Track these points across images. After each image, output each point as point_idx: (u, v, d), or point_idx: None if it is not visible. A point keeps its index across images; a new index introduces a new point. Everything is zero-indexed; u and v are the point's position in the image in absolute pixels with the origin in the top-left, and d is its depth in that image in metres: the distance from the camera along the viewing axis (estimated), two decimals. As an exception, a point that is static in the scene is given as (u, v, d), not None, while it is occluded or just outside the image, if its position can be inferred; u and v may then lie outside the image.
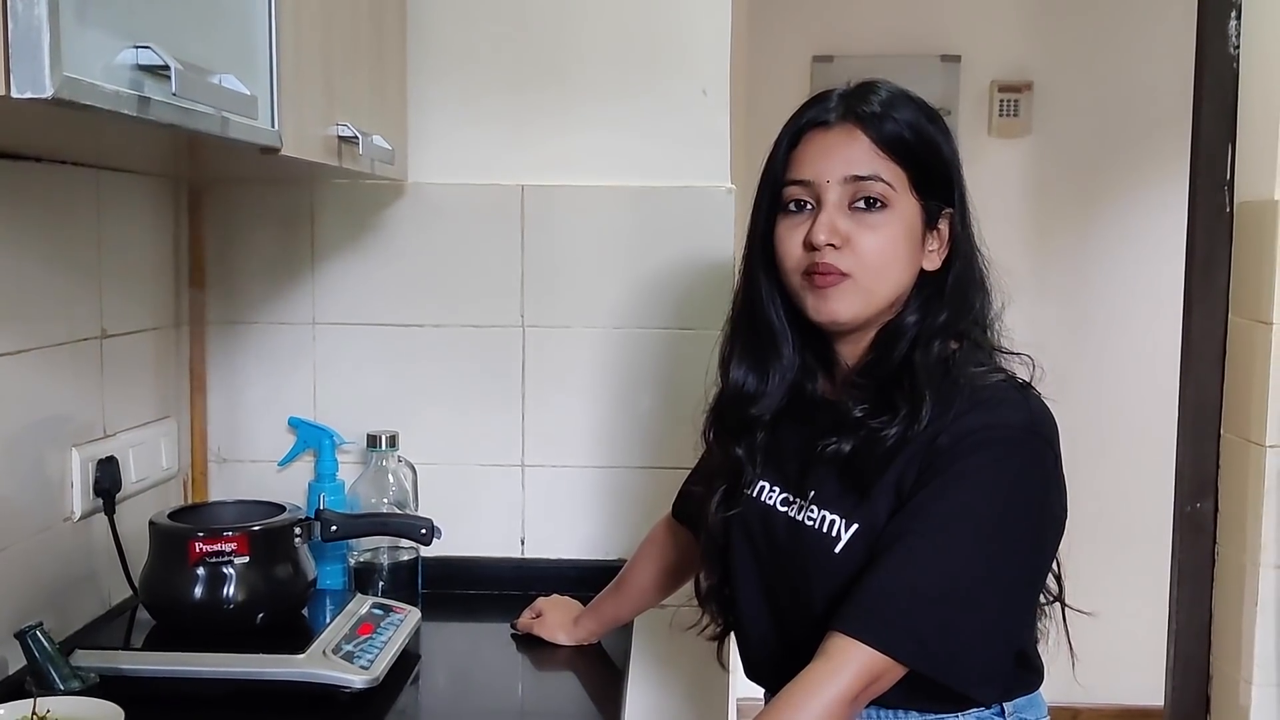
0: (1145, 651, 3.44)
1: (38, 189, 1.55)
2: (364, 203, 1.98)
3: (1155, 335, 3.81)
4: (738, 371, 1.42)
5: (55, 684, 1.36)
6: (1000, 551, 1.24)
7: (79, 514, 1.63)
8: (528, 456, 2.01)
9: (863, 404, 1.30)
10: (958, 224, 1.35)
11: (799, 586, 1.34)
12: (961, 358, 1.31)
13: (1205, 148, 2.33)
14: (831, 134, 1.32)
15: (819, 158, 1.32)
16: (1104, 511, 4.04)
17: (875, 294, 1.31)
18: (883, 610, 1.21)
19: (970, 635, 1.24)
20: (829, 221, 1.29)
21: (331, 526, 1.68)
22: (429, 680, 1.67)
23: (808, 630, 1.28)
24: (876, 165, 1.30)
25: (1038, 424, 1.27)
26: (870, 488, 1.27)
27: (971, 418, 1.24)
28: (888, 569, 1.22)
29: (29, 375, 1.53)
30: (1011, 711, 1.33)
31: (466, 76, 1.97)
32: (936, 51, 3.96)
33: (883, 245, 1.30)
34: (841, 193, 1.30)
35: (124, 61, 0.88)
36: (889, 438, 1.26)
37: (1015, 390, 1.29)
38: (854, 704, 1.19)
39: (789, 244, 1.33)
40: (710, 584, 1.50)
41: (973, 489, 1.23)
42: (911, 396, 1.27)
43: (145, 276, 1.86)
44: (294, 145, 1.31)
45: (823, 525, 1.31)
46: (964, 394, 1.26)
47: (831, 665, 1.19)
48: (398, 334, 2.00)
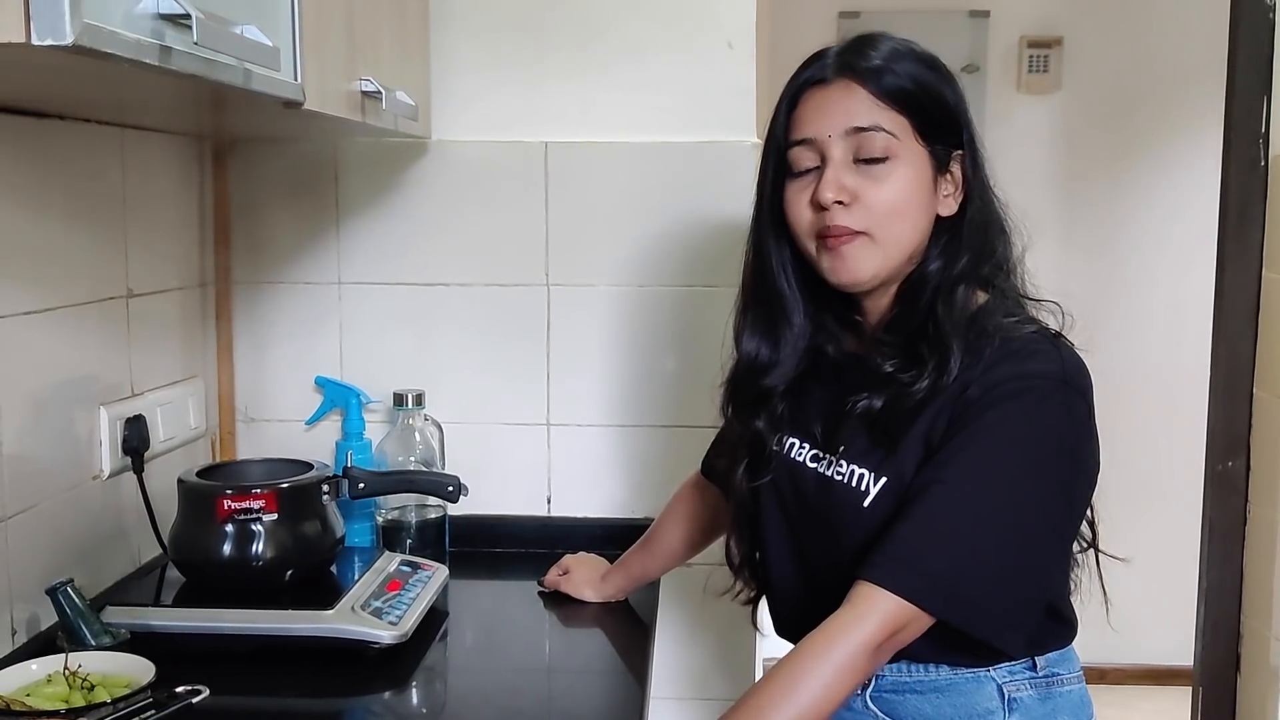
0: (1174, 611, 3.43)
1: (62, 148, 1.55)
2: (388, 161, 1.97)
3: (1187, 291, 3.78)
4: (750, 343, 1.40)
5: (86, 640, 1.37)
6: (1029, 502, 1.23)
7: (108, 472, 1.64)
8: (553, 415, 2.00)
9: (891, 359, 1.29)
10: (969, 166, 1.32)
11: (829, 542, 1.33)
12: (990, 307, 1.29)
13: (1239, 101, 2.29)
14: (830, 90, 1.29)
15: (819, 115, 1.29)
16: (1133, 469, 4.02)
17: (891, 248, 1.29)
18: (908, 559, 1.20)
19: (996, 585, 1.22)
20: (835, 179, 1.27)
21: (359, 484, 1.68)
22: (456, 636, 1.67)
23: (839, 585, 1.27)
24: (877, 115, 1.27)
25: (1070, 374, 1.25)
26: (898, 441, 1.26)
27: (1002, 368, 1.23)
28: (914, 519, 1.21)
29: (56, 334, 1.54)
30: (1044, 665, 1.32)
31: (489, 32, 1.95)
32: (965, 7, 3.91)
33: (893, 197, 1.27)
34: (845, 147, 1.28)
35: (145, 10, 0.88)
36: (918, 391, 1.25)
37: (1047, 341, 1.28)
38: (878, 652, 1.19)
39: (798, 207, 1.31)
40: (742, 552, 1.49)
41: (1002, 439, 1.22)
42: (939, 348, 1.25)
43: (170, 236, 1.86)
44: (317, 99, 1.30)
45: (851, 479, 1.30)
46: (995, 344, 1.24)
47: (856, 612, 1.19)
48: (423, 293, 1.99)
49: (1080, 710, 1.35)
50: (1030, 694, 1.31)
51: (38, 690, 1.24)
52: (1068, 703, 1.33)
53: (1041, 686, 1.32)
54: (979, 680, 1.30)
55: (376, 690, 1.46)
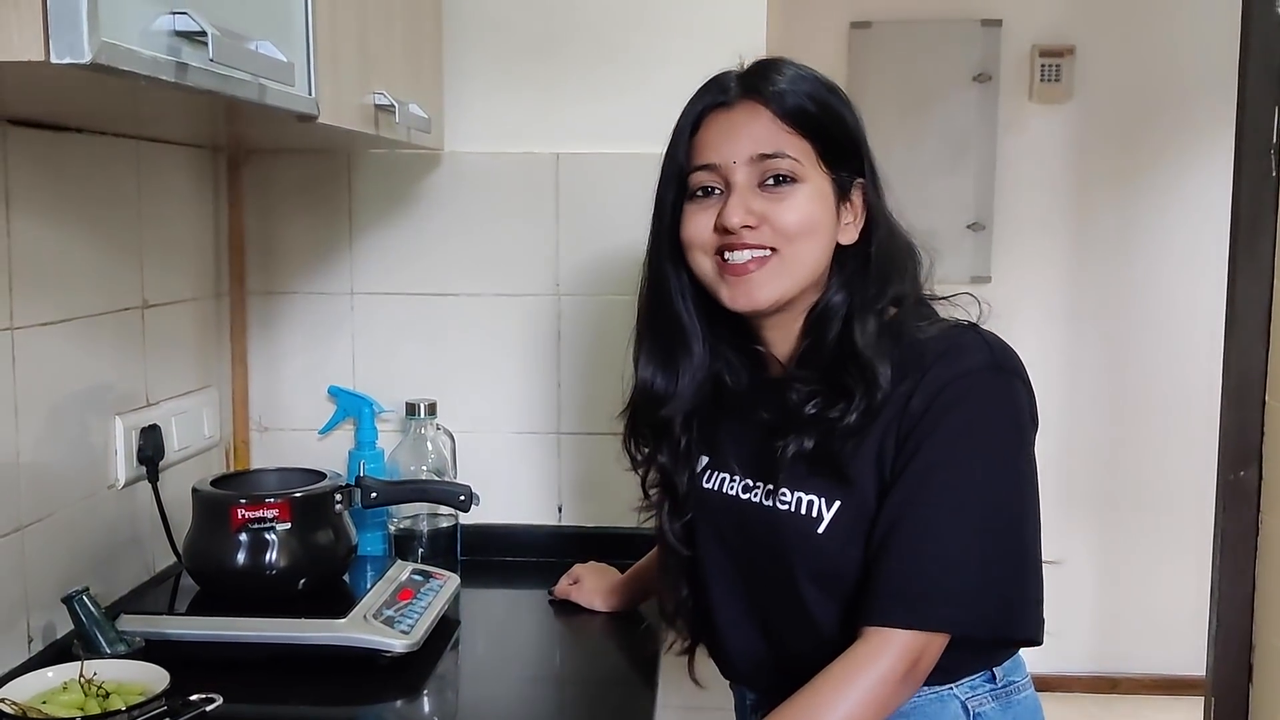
0: (1186, 621, 3.43)
1: (79, 160, 1.56)
2: (400, 173, 1.99)
3: (1198, 301, 3.78)
4: (646, 371, 1.37)
5: (101, 647, 1.38)
6: (1006, 499, 1.22)
7: (123, 481, 1.66)
8: (564, 424, 2.01)
9: (812, 399, 1.26)
10: (871, 193, 1.31)
11: (779, 574, 1.29)
12: (901, 318, 1.28)
13: (1250, 112, 2.29)
14: (734, 113, 1.28)
15: (723, 139, 1.28)
16: (1145, 479, 4.02)
17: (797, 268, 1.27)
18: (910, 590, 1.19)
19: (1007, 584, 1.22)
20: (741, 203, 1.26)
21: (372, 493, 1.69)
22: (468, 645, 1.68)
23: (793, 620, 1.27)
24: (781, 142, 1.26)
25: (1001, 359, 1.24)
26: (847, 471, 1.24)
27: (937, 372, 1.21)
28: (902, 548, 1.20)
29: (72, 344, 1.55)
30: (1001, 675, 1.31)
31: (501, 45, 1.97)
32: (977, 16, 3.91)
33: (799, 218, 1.26)
34: (749, 173, 1.26)
35: (161, 27, 0.89)
36: (851, 425, 1.23)
37: (968, 331, 1.27)
38: (903, 683, 1.18)
39: (698, 227, 1.29)
40: (676, 600, 1.45)
41: (962, 447, 1.21)
42: (863, 375, 1.23)
43: (185, 247, 1.87)
44: (331, 113, 1.32)
45: (800, 507, 1.27)
46: (918, 351, 1.23)
47: (869, 647, 1.18)
48: (435, 303, 2.00)
49: (1035, 716, 1.34)
50: (992, 706, 1.30)
51: (54, 697, 1.25)
52: (1025, 710, 1.33)
53: (1002, 697, 1.31)
54: (942, 700, 1.29)
55: (388, 699, 1.47)
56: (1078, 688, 4.01)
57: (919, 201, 4.04)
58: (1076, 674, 4.00)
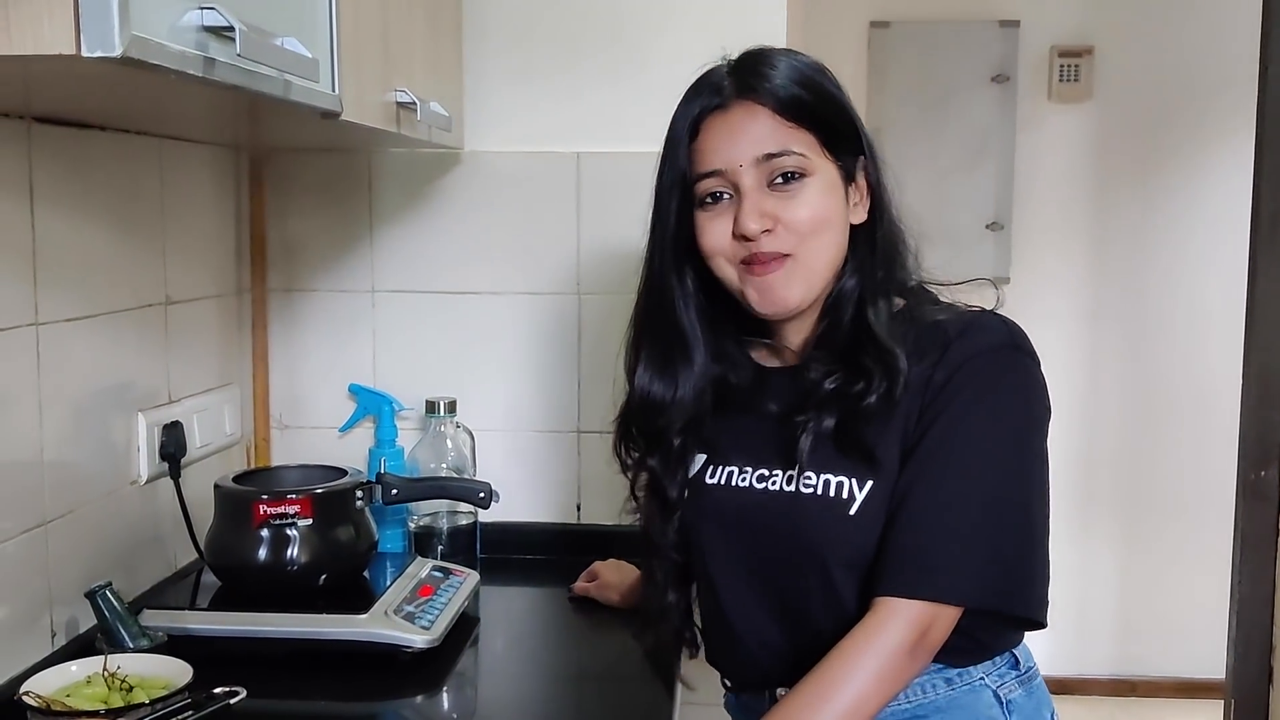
0: (1206, 623, 3.41)
1: (102, 158, 1.57)
2: (421, 171, 1.99)
3: (1218, 300, 3.76)
4: (644, 379, 1.36)
5: (125, 642, 1.39)
6: (1020, 473, 1.23)
7: (145, 478, 1.67)
8: (583, 422, 2.02)
9: (831, 376, 1.26)
10: (872, 171, 1.31)
11: (802, 559, 1.27)
12: (914, 304, 1.29)
13: (1270, 110, 2.29)
14: (731, 115, 1.27)
15: (725, 143, 1.26)
16: (1165, 480, 4.01)
17: (817, 266, 1.27)
18: (919, 561, 1.19)
19: (1017, 559, 1.23)
20: (754, 207, 1.25)
21: (392, 490, 1.69)
22: (487, 642, 1.68)
23: (819, 605, 1.26)
24: (784, 138, 1.25)
25: (1018, 339, 1.26)
26: (873, 451, 1.23)
27: (958, 346, 1.23)
28: (914, 518, 1.20)
29: (95, 341, 1.56)
30: (1023, 660, 1.32)
31: (522, 44, 1.97)
32: (995, 16, 3.90)
33: (813, 214, 1.25)
34: (757, 174, 1.25)
35: (190, 22, 0.90)
36: (872, 404, 1.23)
37: (985, 312, 1.28)
38: (912, 655, 1.18)
39: (716, 236, 1.28)
40: (664, 602, 1.43)
41: (977, 420, 1.21)
42: (881, 356, 1.24)
43: (207, 244, 1.88)
44: (354, 110, 1.32)
45: (828, 489, 1.25)
46: (938, 331, 1.24)
47: (877, 618, 1.18)
48: (455, 301, 2.01)
49: (1047, 699, 1.35)
50: (1019, 693, 1.31)
51: (77, 691, 1.26)
52: (1043, 694, 1.34)
53: (1026, 683, 1.32)
54: (974, 690, 1.29)
55: (409, 694, 1.47)
56: (1097, 690, 3.99)
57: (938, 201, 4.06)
58: (1096, 677, 4.00)
